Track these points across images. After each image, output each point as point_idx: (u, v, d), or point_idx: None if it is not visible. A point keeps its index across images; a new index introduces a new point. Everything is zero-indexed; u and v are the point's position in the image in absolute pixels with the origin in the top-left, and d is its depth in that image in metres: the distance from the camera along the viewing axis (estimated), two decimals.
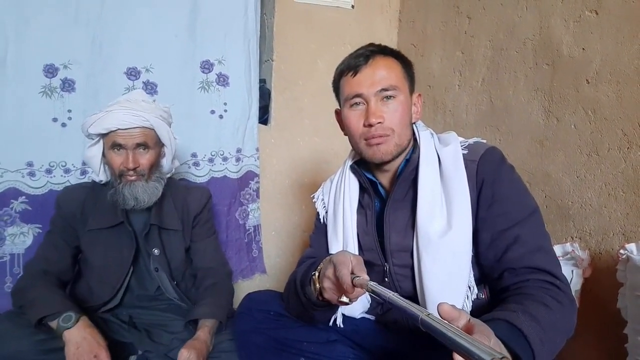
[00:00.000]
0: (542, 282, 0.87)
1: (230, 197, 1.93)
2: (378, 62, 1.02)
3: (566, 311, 0.86)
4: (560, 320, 0.83)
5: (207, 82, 1.87)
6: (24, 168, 1.58)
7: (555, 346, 0.83)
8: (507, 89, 1.70)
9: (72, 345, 1.10)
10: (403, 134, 1.04)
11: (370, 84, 1.01)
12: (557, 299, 0.85)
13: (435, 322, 0.52)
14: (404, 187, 1.05)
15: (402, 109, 1.03)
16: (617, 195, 1.32)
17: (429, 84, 2.12)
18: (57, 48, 1.61)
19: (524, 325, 0.76)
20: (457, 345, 0.47)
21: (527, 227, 0.93)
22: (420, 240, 0.98)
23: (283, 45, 2.09)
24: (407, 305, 0.58)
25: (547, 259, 0.91)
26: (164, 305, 1.43)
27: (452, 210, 0.97)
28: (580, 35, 1.44)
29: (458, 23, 1.96)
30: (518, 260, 0.90)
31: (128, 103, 1.31)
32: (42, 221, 1.58)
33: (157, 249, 1.40)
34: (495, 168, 0.98)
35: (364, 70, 1.02)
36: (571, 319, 0.88)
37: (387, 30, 2.35)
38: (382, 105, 1.01)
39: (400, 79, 1.04)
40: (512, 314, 0.79)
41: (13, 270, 1.55)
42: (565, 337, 0.87)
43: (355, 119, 1.04)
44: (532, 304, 0.83)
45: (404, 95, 1.04)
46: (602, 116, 1.37)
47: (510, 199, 0.95)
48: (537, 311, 0.81)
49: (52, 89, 1.61)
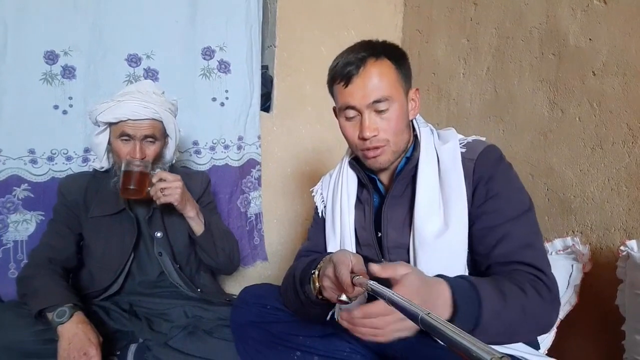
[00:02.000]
0: (528, 274, 0.88)
1: (231, 185, 1.93)
2: (370, 70, 0.98)
3: (543, 304, 0.86)
4: (532, 309, 0.84)
5: (209, 69, 1.85)
6: (26, 155, 1.58)
7: (516, 330, 0.84)
8: (512, 78, 1.67)
9: (64, 341, 1.11)
10: (400, 141, 1.03)
11: (362, 96, 0.98)
12: (537, 290, 0.85)
13: (435, 321, 0.52)
14: (402, 184, 1.05)
15: (396, 117, 1.00)
16: (620, 190, 1.31)
17: (434, 72, 2.09)
18: (57, 34, 1.59)
19: (483, 290, 0.79)
20: (456, 344, 0.47)
21: (518, 224, 0.92)
22: (416, 238, 0.98)
23: (286, 31, 2.06)
24: (407, 304, 0.58)
25: (536, 256, 0.90)
26: (166, 292, 1.45)
27: (449, 210, 0.96)
28: (587, 25, 1.40)
29: (464, 9, 1.92)
30: (506, 256, 0.91)
31: (140, 94, 1.31)
32: (45, 208, 1.58)
33: (160, 232, 1.41)
34: (492, 166, 0.98)
35: (356, 80, 0.98)
36: (547, 314, 0.88)
37: (392, 15, 2.31)
38: (375, 117, 0.99)
39: (394, 83, 1.00)
40: (478, 279, 0.81)
41: (17, 257, 1.57)
42: (535, 328, 0.88)
43: (350, 130, 1.03)
44: (507, 284, 0.84)
45: (398, 102, 1.00)
46: (607, 109, 1.34)
47: (503, 197, 0.95)
48: (509, 290, 0.83)
49: (52, 76, 1.60)
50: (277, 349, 1.03)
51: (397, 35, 2.33)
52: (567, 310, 1.27)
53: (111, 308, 1.34)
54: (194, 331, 1.28)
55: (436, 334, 0.50)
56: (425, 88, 2.12)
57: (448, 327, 0.49)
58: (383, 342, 0.72)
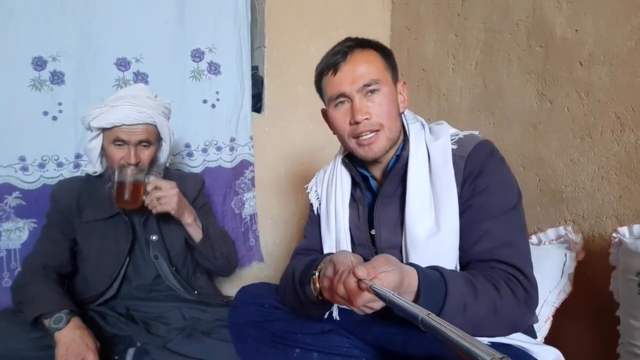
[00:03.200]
0: (507, 274, 0.87)
1: (225, 186, 1.93)
2: (357, 57, 0.99)
3: (517, 305, 0.86)
4: (504, 307, 0.84)
5: (199, 71, 1.85)
6: (17, 163, 1.57)
7: (483, 327, 0.84)
8: (500, 72, 1.69)
9: (61, 347, 1.10)
10: (393, 127, 1.02)
11: (351, 80, 0.98)
12: (513, 290, 0.85)
13: (435, 322, 0.52)
14: (393, 183, 1.04)
15: (387, 101, 1.00)
16: (610, 178, 1.32)
17: (423, 68, 2.10)
18: (44, 40, 1.58)
19: (452, 282, 0.80)
20: (456, 345, 0.47)
21: (500, 222, 0.92)
22: (408, 238, 0.97)
23: (275, 31, 2.07)
24: (407, 305, 0.59)
25: (516, 255, 0.90)
26: (162, 295, 1.44)
27: (440, 210, 0.96)
28: (573, 17, 1.42)
29: (451, 5, 1.93)
30: (485, 254, 0.91)
31: (133, 99, 1.30)
32: (37, 216, 1.57)
33: (155, 235, 1.41)
34: (482, 162, 0.96)
35: (344, 67, 0.99)
36: (520, 314, 0.88)
37: (381, 12, 2.32)
38: (367, 101, 0.99)
39: (382, 70, 1.01)
40: (452, 272, 0.82)
41: (10, 266, 1.56)
42: (505, 327, 0.87)
43: (341, 118, 1.02)
44: (481, 279, 0.84)
45: (387, 87, 1.01)
46: (595, 99, 1.36)
47: (489, 193, 0.94)
48: (481, 286, 0.83)
49: (41, 82, 1.59)
50: (277, 347, 1.03)
51: (386, 33, 2.34)
52: (562, 298, 1.28)
53: (108, 313, 1.33)
54: (192, 333, 1.28)
55: (436, 334, 0.50)
56: (415, 84, 2.13)
57: (448, 328, 0.49)
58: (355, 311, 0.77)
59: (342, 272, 0.78)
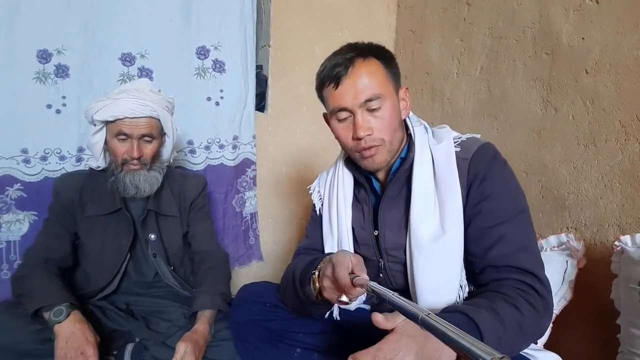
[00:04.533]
0: (521, 284, 0.87)
1: (227, 184, 1.93)
2: (358, 70, 0.97)
3: (538, 317, 0.86)
4: (528, 324, 0.83)
5: (203, 69, 1.84)
6: (19, 155, 1.56)
7: (517, 346, 0.84)
8: (505, 77, 1.69)
9: (61, 340, 1.10)
10: (395, 139, 1.02)
11: (353, 95, 0.96)
12: (531, 303, 0.85)
13: (435, 322, 0.52)
14: (398, 185, 1.04)
15: (389, 115, 0.99)
16: (613, 186, 1.32)
17: (427, 72, 2.11)
18: (50, 33, 1.57)
19: (481, 320, 0.77)
20: (457, 345, 0.47)
21: (513, 226, 0.92)
22: (412, 241, 0.97)
23: (280, 30, 2.06)
24: (407, 305, 0.58)
25: (531, 260, 0.90)
26: (162, 292, 1.44)
27: (444, 213, 0.96)
28: (580, 25, 1.42)
29: (457, 9, 1.94)
30: (501, 259, 0.90)
31: (136, 92, 1.29)
32: (38, 208, 1.57)
33: (153, 234, 1.40)
34: (486, 165, 0.96)
35: (345, 81, 0.97)
36: (542, 324, 0.88)
37: (386, 15, 2.32)
38: (368, 116, 0.98)
39: (384, 82, 0.99)
40: (474, 309, 0.80)
41: (9, 257, 1.55)
42: (532, 340, 0.88)
43: (343, 132, 1.02)
44: (501, 303, 0.83)
45: (389, 100, 0.99)
46: (600, 107, 1.36)
47: (498, 197, 0.94)
48: (504, 311, 0.82)
49: (45, 75, 1.58)
50: (277, 346, 1.03)
51: (391, 36, 2.35)
52: (562, 305, 1.28)
53: (108, 307, 1.33)
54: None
55: (437, 334, 0.50)
56: (419, 88, 2.14)
57: (448, 328, 0.49)
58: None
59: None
